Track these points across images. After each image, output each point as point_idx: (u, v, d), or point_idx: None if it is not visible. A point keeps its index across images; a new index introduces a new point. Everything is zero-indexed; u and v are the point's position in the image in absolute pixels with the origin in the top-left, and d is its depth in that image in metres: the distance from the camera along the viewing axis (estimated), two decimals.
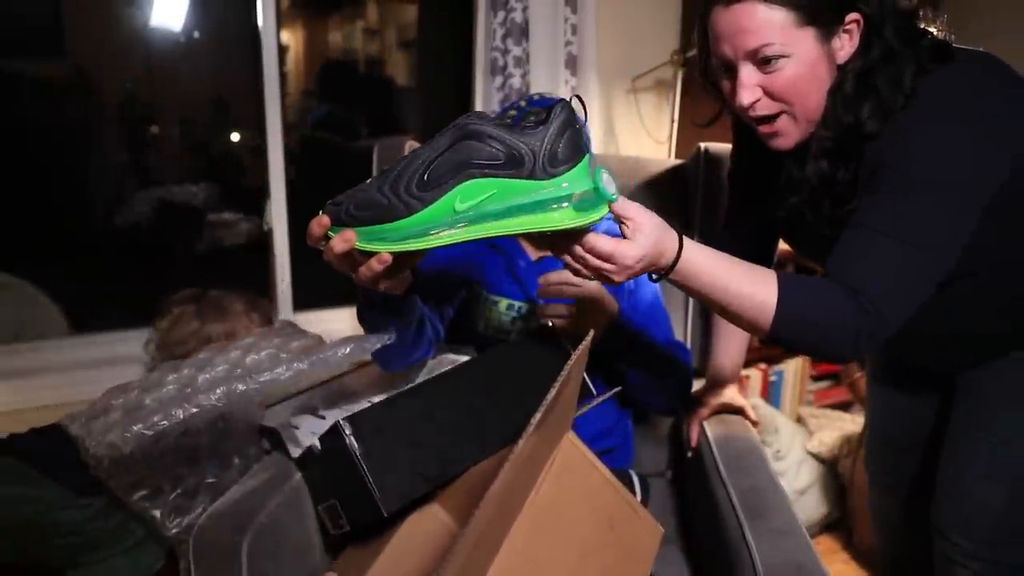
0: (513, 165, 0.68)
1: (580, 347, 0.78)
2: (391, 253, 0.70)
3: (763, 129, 0.86)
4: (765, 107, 0.84)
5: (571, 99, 0.72)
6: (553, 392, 0.68)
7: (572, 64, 1.86)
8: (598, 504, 0.81)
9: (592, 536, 0.78)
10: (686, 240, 0.77)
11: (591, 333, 0.82)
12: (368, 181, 0.71)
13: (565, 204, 0.69)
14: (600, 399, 0.99)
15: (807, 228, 0.90)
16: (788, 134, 0.86)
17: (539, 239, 0.77)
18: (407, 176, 0.68)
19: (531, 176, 0.68)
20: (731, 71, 0.84)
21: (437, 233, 0.68)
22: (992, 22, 1.78)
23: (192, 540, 0.83)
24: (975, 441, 0.95)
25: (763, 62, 0.81)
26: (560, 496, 0.75)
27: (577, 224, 0.70)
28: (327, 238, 0.73)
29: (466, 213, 0.68)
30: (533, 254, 1.13)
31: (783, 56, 0.80)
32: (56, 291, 1.73)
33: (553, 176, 0.68)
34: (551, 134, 0.68)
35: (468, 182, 0.68)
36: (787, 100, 0.83)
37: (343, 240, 0.71)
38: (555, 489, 0.75)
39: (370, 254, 0.71)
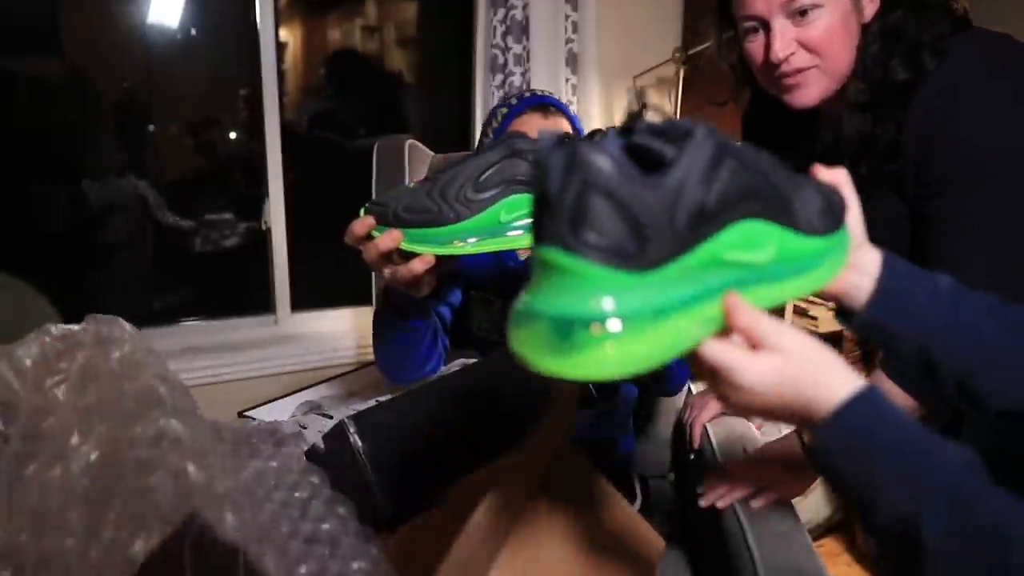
0: None
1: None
2: (435, 256, 0.75)
3: (788, 81, 0.86)
4: (800, 60, 0.84)
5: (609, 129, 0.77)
6: (555, 400, 0.67)
7: (573, 62, 1.85)
8: (597, 517, 0.80)
9: (591, 550, 0.77)
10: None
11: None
12: (411, 185, 0.78)
13: None
14: (601, 406, 0.98)
15: None
16: (812, 86, 0.86)
17: None
18: (457, 184, 0.74)
19: None
20: (758, 30, 0.86)
21: (481, 240, 0.75)
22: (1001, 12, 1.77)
23: (193, 541, 0.82)
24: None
25: (798, 14, 0.82)
26: (558, 509, 0.75)
27: None
28: (370, 237, 0.77)
29: (509, 224, 0.75)
30: (523, 253, 1.12)
31: (817, 6, 0.82)
32: (53, 290, 1.73)
33: None
34: None
35: (512, 196, 0.74)
36: (821, 52, 0.84)
37: (391, 239, 0.75)
38: (553, 501, 0.74)
39: (411, 255, 0.76)
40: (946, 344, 0.52)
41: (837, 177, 0.54)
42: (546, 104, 1.07)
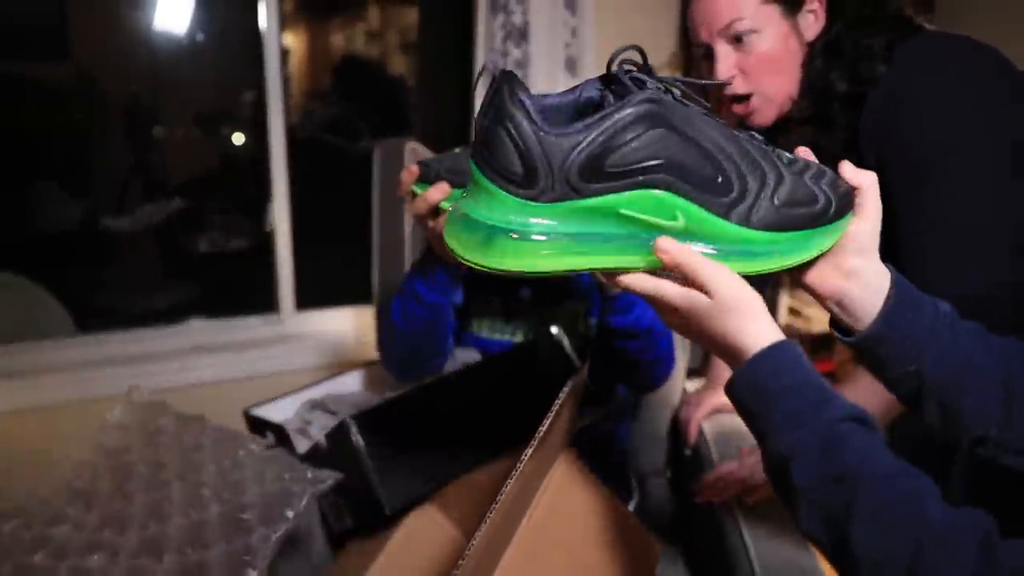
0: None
1: (583, 365, 0.79)
2: None
3: (737, 109, 0.90)
4: (740, 86, 0.87)
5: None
6: (555, 408, 0.68)
7: (571, 67, 1.87)
8: (594, 526, 0.81)
9: (589, 557, 0.78)
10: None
11: (586, 365, 0.84)
12: (457, 150, 0.83)
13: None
14: (602, 412, 1.00)
15: None
16: (763, 111, 0.89)
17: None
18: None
19: None
20: (708, 56, 0.89)
21: None
22: (984, 26, 1.79)
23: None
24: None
25: (736, 39, 0.85)
26: (555, 519, 0.75)
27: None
28: (413, 194, 0.83)
29: None
30: None
31: (753, 31, 0.84)
32: (61, 290, 1.75)
33: None
34: None
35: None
36: (757, 77, 0.86)
37: (440, 191, 0.81)
38: (550, 511, 0.75)
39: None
40: (941, 363, 0.53)
41: (863, 179, 0.52)
42: None
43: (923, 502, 0.43)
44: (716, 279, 0.48)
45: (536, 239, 0.46)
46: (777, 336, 0.49)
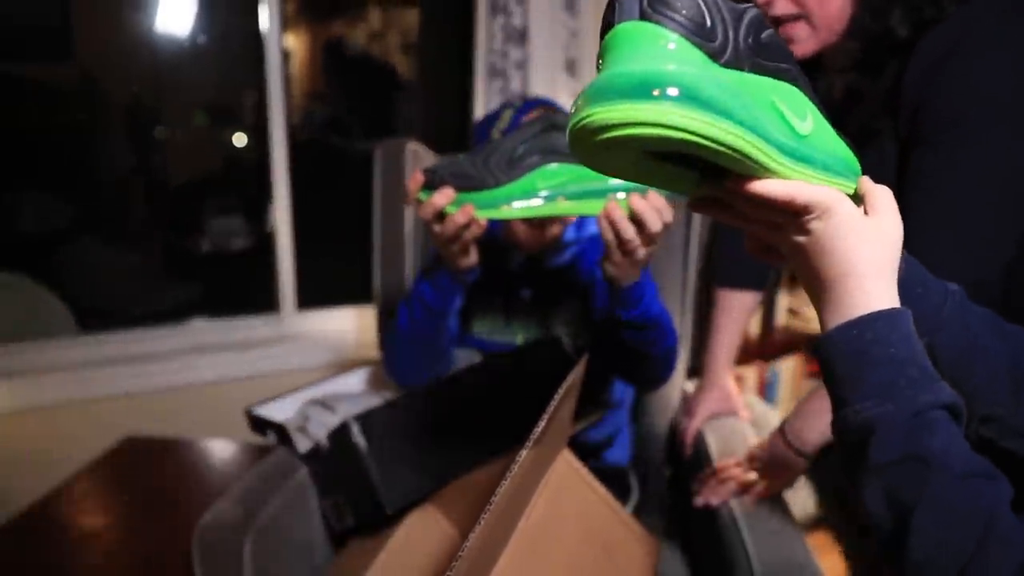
0: None
1: (580, 360, 0.80)
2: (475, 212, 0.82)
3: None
4: (783, 7, 0.79)
5: None
6: (552, 407, 0.69)
7: (571, 68, 1.87)
8: (592, 526, 0.81)
9: (586, 559, 0.77)
10: None
11: (585, 356, 0.85)
12: (460, 156, 0.85)
13: (621, 195, 0.81)
14: (601, 412, 1.00)
15: None
16: (804, 41, 0.80)
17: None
18: (498, 154, 0.81)
19: None
20: None
21: (513, 205, 0.81)
22: None
23: (195, 540, 0.84)
24: None
25: None
26: (553, 519, 0.75)
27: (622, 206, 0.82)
28: (419, 200, 0.84)
29: (543, 192, 0.81)
30: (522, 254, 1.14)
31: None
32: (62, 290, 1.75)
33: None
34: None
35: (548, 166, 0.81)
36: (806, 2, 0.78)
37: (445, 196, 0.82)
38: (548, 511, 0.75)
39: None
40: (951, 342, 0.52)
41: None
42: (549, 106, 1.10)
43: (995, 505, 0.41)
44: (882, 199, 0.46)
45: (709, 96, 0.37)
46: (894, 302, 0.45)
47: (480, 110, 1.85)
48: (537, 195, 0.81)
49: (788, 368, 2.10)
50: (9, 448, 1.53)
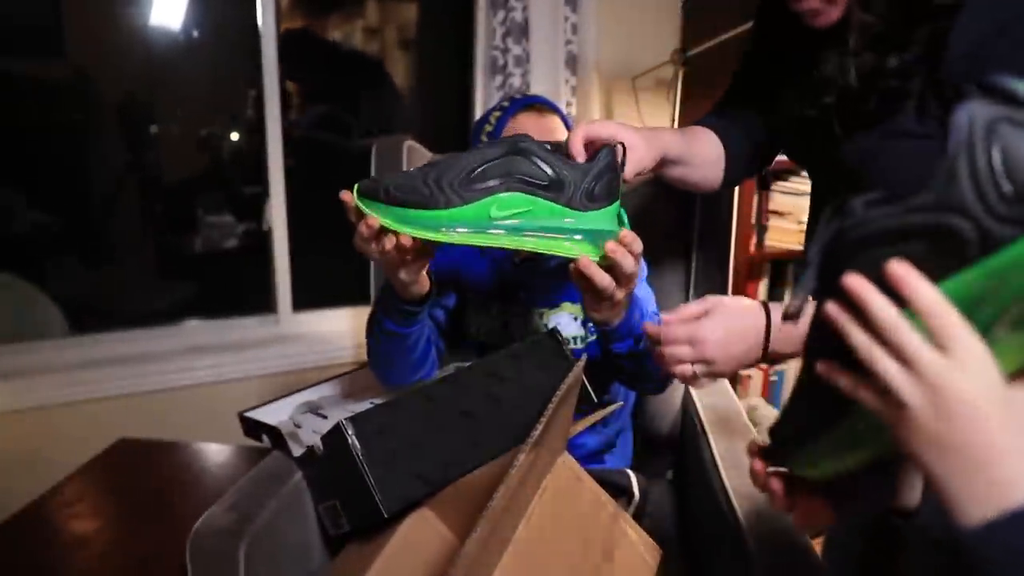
0: (555, 189, 0.73)
1: (579, 362, 0.78)
2: (412, 239, 0.74)
3: (807, 5, 0.70)
4: None
5: (616, 146, 0.76)
6: (550, 410, 0.67)
7: (572, 63, 1.86)
8: (592, 530, 0.80)
9: (586, 565, 0.77)
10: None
11: (584, 357, 0.83)
12: (414, 169, 0.77)
13: (579, 237, 0.74)
14: (601, 414, 0.98)
15: (827, 138, 0.74)
16: (825, 12, 0.70)
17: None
18: (453, 172, 0.73)
19: (568, 204, 0.73)
20: None
21: (468, 232, 0.73)
22: None
23: (189, 546, 0.83)
24: None
25: None
26: (552, 524, 0.74)
27: (591, 255, 0.75)
28: (359, 213, 0.76)
29: (498, 221, 0.73)
30: (517, 258, 1.13)
31: None
32: (56, 291, 1.74)
33: (587, 210, 0.74)
34: (594, 173, 0.74)
35: (507, 194, 0.73)
36: None
37: (374, 219, 0.74)
38: (547, 516, 0.74)
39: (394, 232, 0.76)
40: None
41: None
42: (539, 104, 1.07)
43: None
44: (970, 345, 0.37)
45: None
46: None
47: (480, 107, 1.83)
48: (490, 224, 0.73)
49: (793, 370, 2.08)
50: (2, 449, 1.52)
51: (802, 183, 1.92)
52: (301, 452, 0.95)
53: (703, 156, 0.91)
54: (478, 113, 1.85)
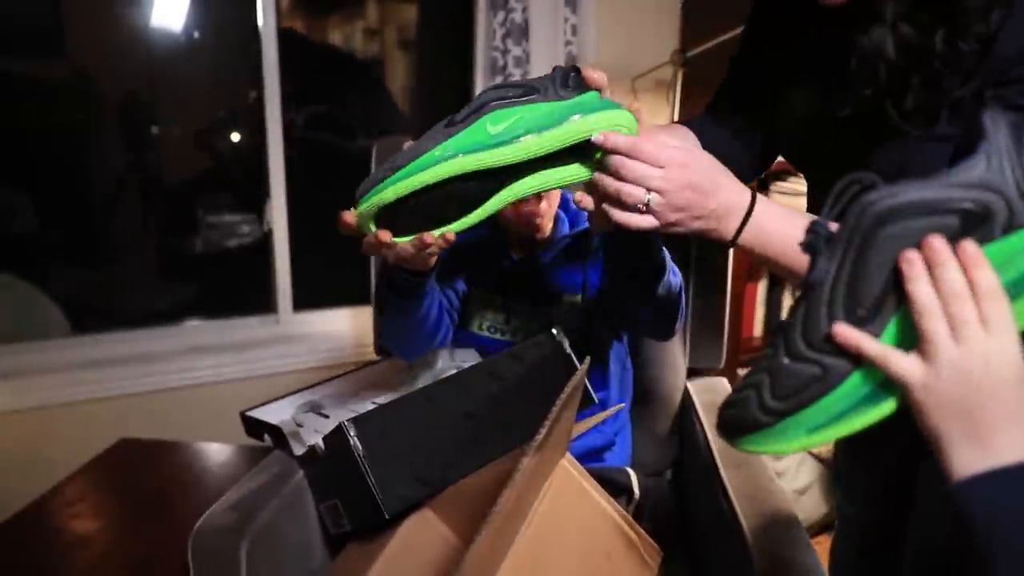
0: (531, 93, 0.70)
1: (582, 366, 0.78)
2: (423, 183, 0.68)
3: None
4: None
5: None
6: (553, 414, 0.67)
7: (572, 64, 1.86)
8: (593, 533, 0.80)
9: (587, 567, 0.77)
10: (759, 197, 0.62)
11: (587, 360, 0.83)
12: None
13: (577, 117, 0.69)
14: (603, 416, 0.99)
15: (852, 137, 0.69)
16: None
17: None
18: (435, 128, 0.70)
19: (548, 99, 0.70)
20: None
21: (461, 159, 0.67)
22: None
23: (191, 544, 0.83)
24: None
25: None
26: (553, 527, 0.74)
27: (599, 126, 0.69)
28: (362, 232, 0.72)
29: (499, 135, 0.68)
30: (517, 253, 1.13)
31: None
32: (57, 291, 1.74)
33: (572, 96, 0.71)
34: (559, 73, 0.72)
35: (495, 111, 0.69)
36: None
37: (385, 235, 0.71)
38: (548, 519, 0.74)
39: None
40: None
41: None
42: None
43: None
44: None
45: None
46: None
47: None
48: (492, 140, 0.68)
49: None
50: (3, 449, 1.52)
51: (801, 183, 1.92)
52: (302, 451, 0.95)
53: None
54: None
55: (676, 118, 1.96)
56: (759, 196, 0.65)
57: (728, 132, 0.87)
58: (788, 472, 1.85)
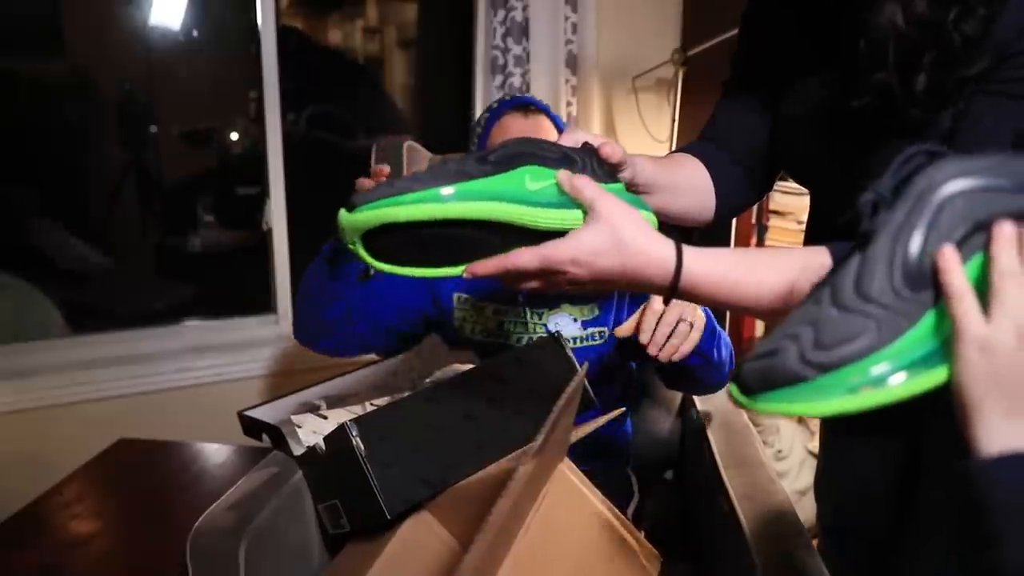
0: (567, 161, 0.63)
1: (581, 369, 0.78)
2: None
3: None
4: None
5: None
6: (552, 417, 0.67)
7: (572, 63, 1.86)
8: (592, 537, 0.79)
9: (588, 568, 0.76)
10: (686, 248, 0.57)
11: (585, 365, 0.82)
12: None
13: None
14: (603, 420, 0.98)
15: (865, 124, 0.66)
16: None
17: None
18: (465, 159, 0.62)
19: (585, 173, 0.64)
20: None
21: (507, 204, 0.60)
22: None
23: (189, 544, 0.83)
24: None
25: None
26: (552, 531, 0.74)
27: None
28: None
29: (538, 194, 0.61)
30: None
31: None
32: (55, 291, 1.73)
33: (603, 181, 0.64)
34: (588, 151, 0.66)
35: (533, 166, 0.61)
36: None
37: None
38: (547, 524, 0.74)
39: None
40: None
41: None
42: (526, 104, 1.07)
43: None
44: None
45: None
46: None
47: (480, 107, 1.83)
48: (531, 199, 0.60)
49: None
50: (2, 450, 1.52)
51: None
52: (301, 451, 0.95)
53: (686, 183, 0.80)
54: (478, 113, 1.85)
55: (676, 117, 1.96)
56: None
57: (731, 154, 0.84)
58: (790, 473, 1.85)
